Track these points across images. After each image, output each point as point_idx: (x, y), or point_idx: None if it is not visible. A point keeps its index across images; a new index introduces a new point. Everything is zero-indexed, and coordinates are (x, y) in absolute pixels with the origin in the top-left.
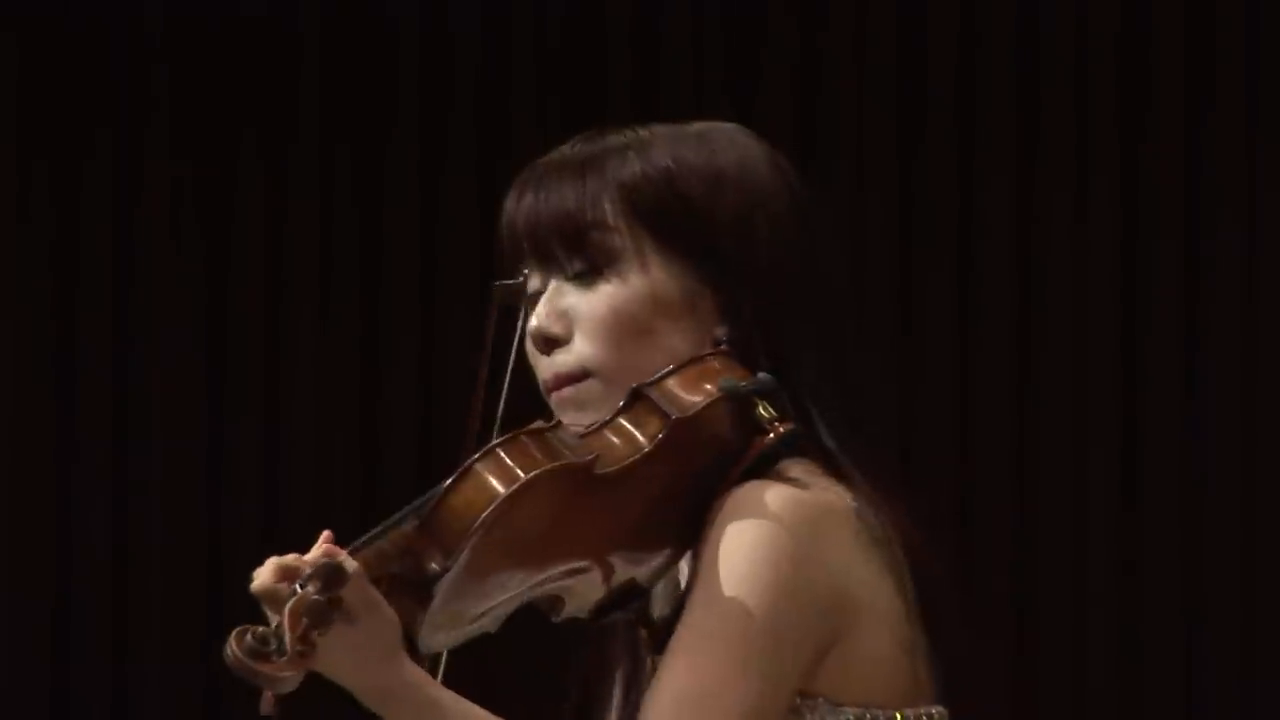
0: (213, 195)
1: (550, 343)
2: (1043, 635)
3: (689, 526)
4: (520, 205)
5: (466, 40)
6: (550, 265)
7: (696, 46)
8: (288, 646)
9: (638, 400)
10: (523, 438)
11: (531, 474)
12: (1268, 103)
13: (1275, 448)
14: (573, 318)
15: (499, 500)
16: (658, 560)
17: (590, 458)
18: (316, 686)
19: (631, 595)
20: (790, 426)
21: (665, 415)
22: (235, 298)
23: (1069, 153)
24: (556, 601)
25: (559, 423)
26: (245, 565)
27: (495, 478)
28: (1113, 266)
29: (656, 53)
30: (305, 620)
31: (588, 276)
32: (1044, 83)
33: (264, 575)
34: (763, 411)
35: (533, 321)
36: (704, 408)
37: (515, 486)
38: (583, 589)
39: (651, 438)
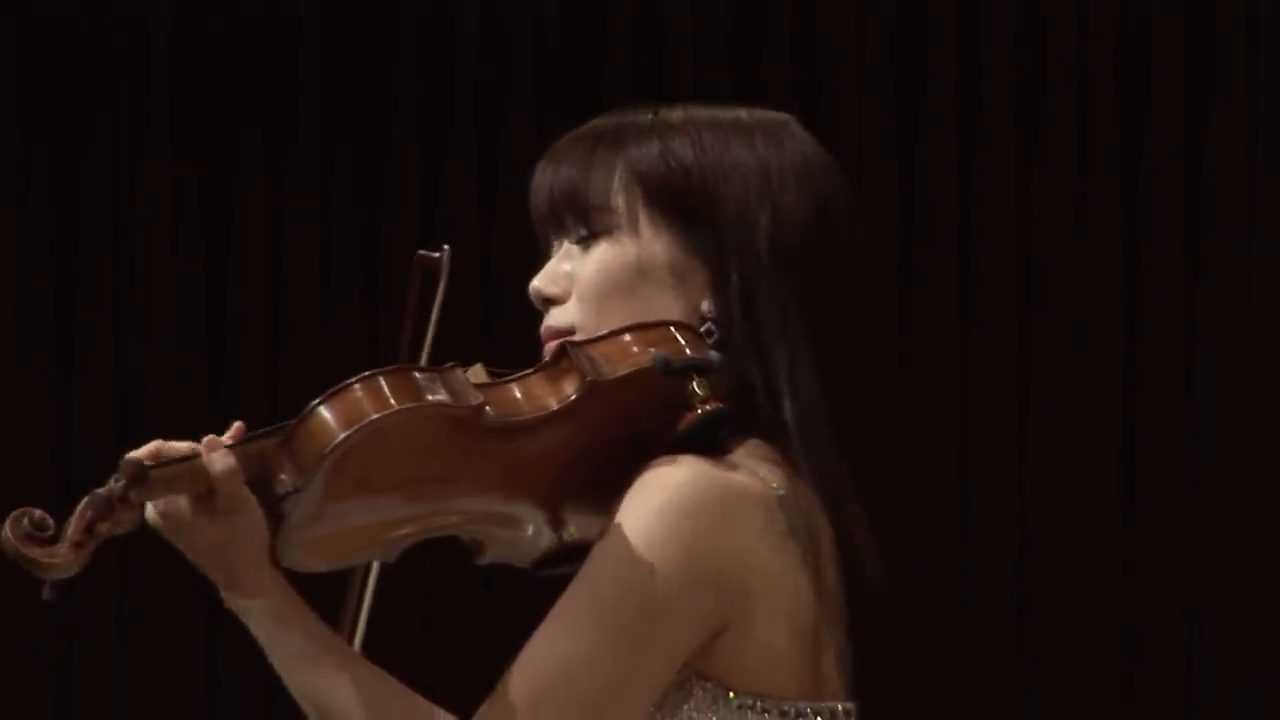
0: (213, 195)
1: (547, 302)
2: (1043, 635)
3: (623, 493)
4: (543, 173)
5: (466, 40)
6: (561, 230)
7: (696, 46)
8: (66, 535)
9: (562, 356)
10: (411, 372)
11: (399, 407)
12: (1268, 103)
13: (1275, 448)
14: (572, 280)
15: (357, 428)
16: (599, 523)
17: (475, 403)
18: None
19: (578, 553)
20: (718, 406)
21: (583, 376)
22: (235, 298)
23: (1069, 153)
24: (477, 545)
25: (457, 365)
26: None
27: (366, 404)
28: (1113, 266)
29: (657, 53)
30: (90, 512)
31: (588, 241)
32: (1044, 82)
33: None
34: (695, 389)
35: (534, 282)
36: (626, 375)
37: (376, 416)
38: (506, 537)
39: (563, 397)
